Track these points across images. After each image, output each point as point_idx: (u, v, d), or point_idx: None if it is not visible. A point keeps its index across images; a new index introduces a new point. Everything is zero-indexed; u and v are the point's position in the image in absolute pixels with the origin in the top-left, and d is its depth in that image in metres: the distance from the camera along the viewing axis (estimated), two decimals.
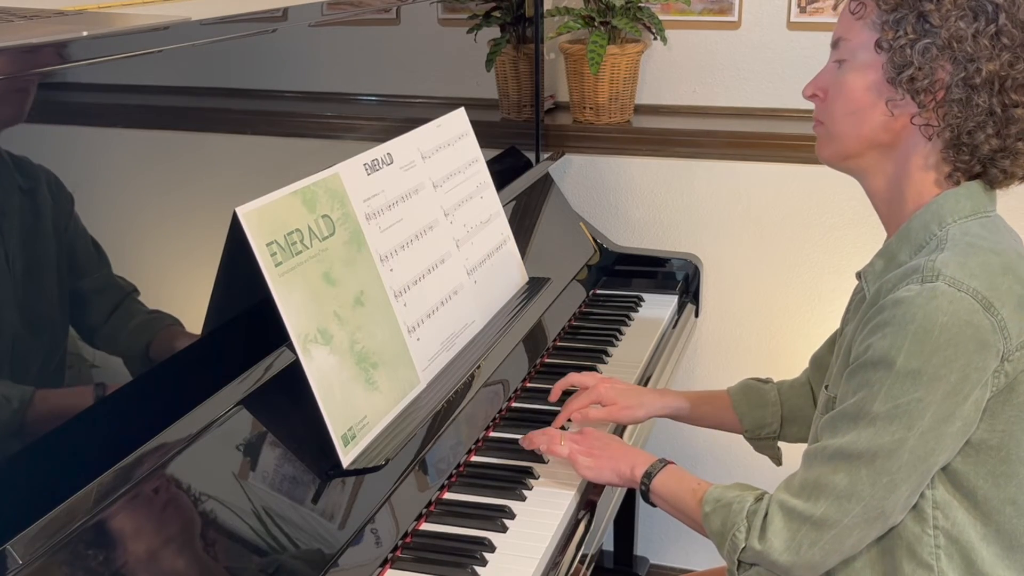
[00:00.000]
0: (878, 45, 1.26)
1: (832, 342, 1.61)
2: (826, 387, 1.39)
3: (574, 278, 2.27)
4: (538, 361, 1.96)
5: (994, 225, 1.28)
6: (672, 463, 1.47)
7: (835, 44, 1.34)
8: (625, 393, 1.72)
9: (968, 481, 1.25)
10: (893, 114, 1.27)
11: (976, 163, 1.26)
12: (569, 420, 1.70)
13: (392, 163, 1.64)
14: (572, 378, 1.75)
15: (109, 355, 1.20)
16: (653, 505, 1.48)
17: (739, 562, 1.30)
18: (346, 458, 1.37)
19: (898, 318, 1.19)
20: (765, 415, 1.66)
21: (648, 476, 1.46)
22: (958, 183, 1.28)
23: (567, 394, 1.76)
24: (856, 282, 1.39)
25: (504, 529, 1.44)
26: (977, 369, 1.18)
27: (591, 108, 2.50)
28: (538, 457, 1.62)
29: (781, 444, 1.70)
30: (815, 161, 1.42)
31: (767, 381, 1.70)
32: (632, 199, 2.54)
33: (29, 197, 1.08)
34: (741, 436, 1.72)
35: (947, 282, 1.18)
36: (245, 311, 1.37)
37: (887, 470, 1.21)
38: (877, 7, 1.27)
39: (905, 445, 1.20)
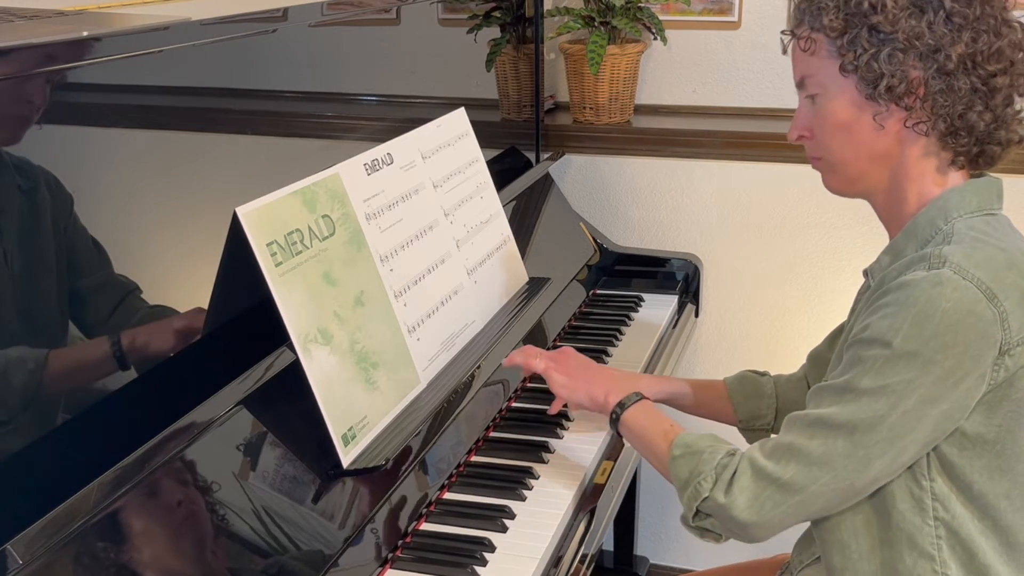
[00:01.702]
0: (843, 69, 1.27)
1: (832, 339, 1.61)
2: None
3: (574, 278, 2.27)
4: None
5: (999, 223, 1.29)
6: (648, 399, 1.47)
7: (800, 84, 1.35)
8: (621, 381, 1.71)
9: (965, 475, 1.25)
10: (883, 126, 1.28)
11: (975, 143, 1.27)
12: (565, 406, 1.70)
13: (392, 163, 1.64)
14: (553, 354, 1.75)
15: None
16: (619, 435, 1.47)
17: (697, 511, 1.31)
18: (346, 458, 1.37)
19: (901, 300, 1.20)
20: (760, 406, 1.67)
21: (621, 406, 1.47)
22: (962, 168, 1.30)
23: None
24: (863, 280, 1.39)
25: (504, 529, 1.44)
26: (972, 357, 1.18)
27: (591, 108, 2.50)
28: (538, 457, 1.62)
29: (775, 437, 1.70)
30: None
31: (763, 374, 1.71)
32: (632, 199, 2.54)
33: (28, 197, 1.08)
34: (734, 428, 1.72)
35: (953, 269, 1.19)
36: (245, 311, 1.37)
37: (863, 444, 1.21)
38: (826, 37, 1.28)
39: (885, 421, 1.20)
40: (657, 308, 2.28)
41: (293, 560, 1.26)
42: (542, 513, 1.49)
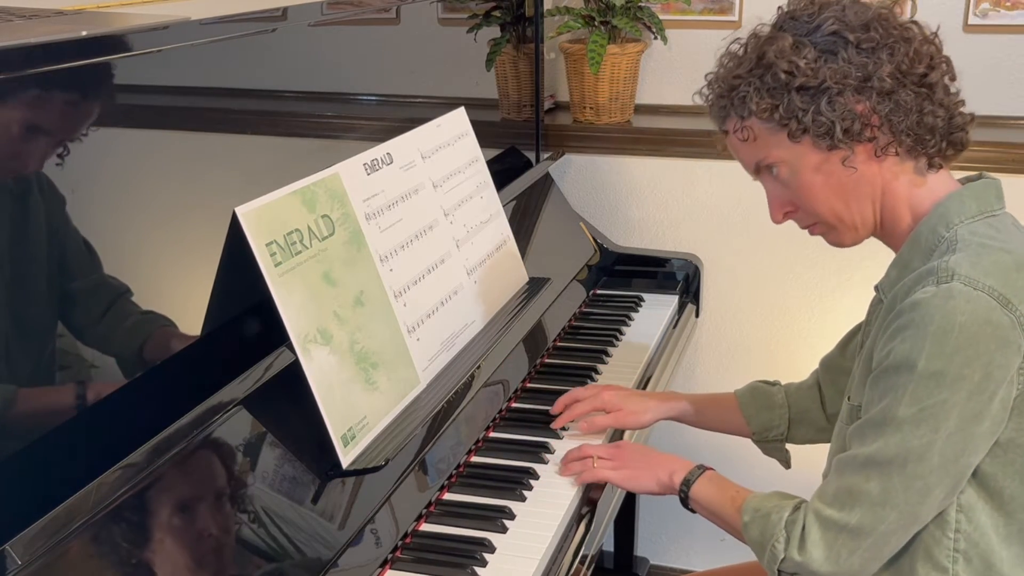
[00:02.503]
0: (792, 137, 1.28)
1: (843, 345, 1.60)
2: (848, 398, 1.38)
3: (574, 278, 2.26)
4: (538, 361, 1.96)
5: (1002, 224, 1.29)
6: (710, 469, 1.47)
7: (756, 170, 1.37)
8: (630, 398, 1.71)
9: (995, 481, 1.24)
10: (856, 167, 1.29)
11: (941, 140, 1.29)
12: (572, 421, 1.70)
13: (392, 163, 1.64)
14: (576, 392, 1.75)
15: (109, 355, 1.20)
16: (692, 511, 1.47)
17: (779, 572, 1.30)
18: (346, 458, 1.36)
19: (916, 320, 1.19)
20: (772, 417, 1.66)
21: (686, 483, 1.46)
22: (940, 167, 1.31)
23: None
24: (861, 280, 1.39)
25: (504, 529, 1.44)
26: (1000, 367, 1.18)
27: (591, 108, 2.50)
28: (538, 457, 1.62)
29: (789, 446, 1.69)
30: None
31: (774, 384, 1.70)
32: (632, 199, 2.54)
33: (22, 201, 1.08)
34: (744, 439, 1.72)
35: (963, 281, 1.18)
36: (245, 311, 1.37)
37: (919, 474, 1.20)
38: (759, 120, 1.30)
39: (934, 448, 1.19)
40: (657, 308, 2.28)
41: (293, 561, 1.25)
42: (542, 513, 1.49)
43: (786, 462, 1.70)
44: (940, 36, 1.32)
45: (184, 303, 1.32)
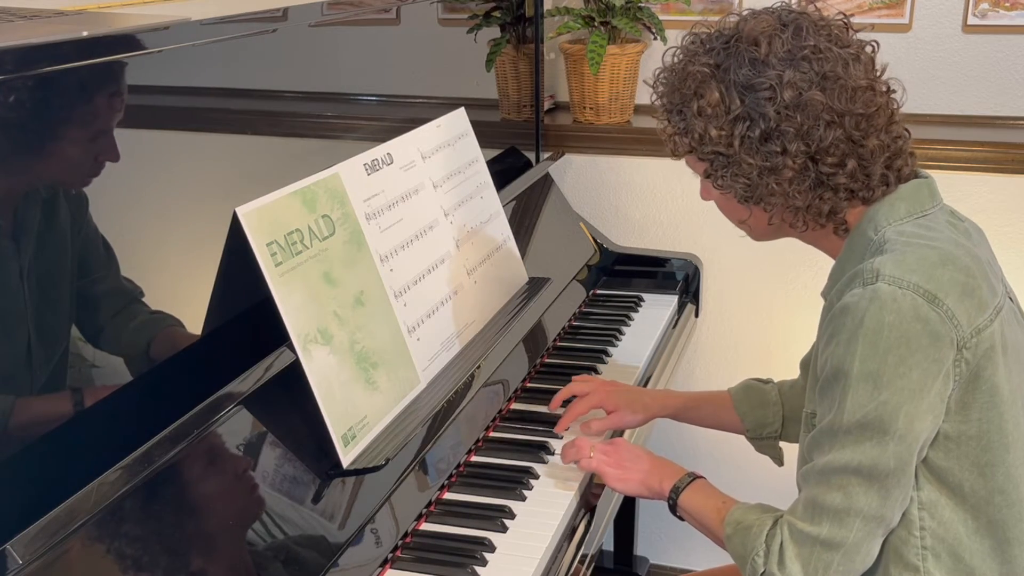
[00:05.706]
0: (704, 174, 1.35)
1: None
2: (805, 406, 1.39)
3: (574, 278, 2.27)
4: (538, 361, 1.96)
5: (933, 222, 1.29)
6: (701, 477, 1.47)
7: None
8: (626, 397, 1.72)
9: (953, 476, 1.25)
10: (748, 224, 1.37)
11: (842, 210, 1.30)
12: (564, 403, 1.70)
13: (392, 163, 1.64)
14: (573, 388, 1.75)
15: (110, 355, 1.20)
16: (681, 519, 1.47)
17: None
18: (346, 458, 1.37)
19: (847, 325, 1.21)
20: (766, 415, 1.66)
21: (675, 491, 1.46)
22: (847, 232, 1.32)
23: (567, 401, 1.75)
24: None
25: (504, 529, 1.44)
26: (935, 362, 1.18)
27: (591, 108, 2.50)
28: (538, 457, 1.62)
29: (782, 444, 1.70)
30: None
31: (768, 381, 1.70)
32: (632, 199, 2.54)
33: (47, 207, 1.08)
34: (740, 436, 1.72)
35: (887, 281, 1.19)
36: (245, 311, 1.37)
37: (876, 477, 1.21)
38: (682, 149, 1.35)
39: (887, 450, 1.20)
40: (657, 308, 2.28)
41: (293, 560, 1.26)
42: (542, 513, 1.49)
43: (779, 459, 1.71)
44: (901, 96, 1.31)
45: (185, 303, 1.32)
